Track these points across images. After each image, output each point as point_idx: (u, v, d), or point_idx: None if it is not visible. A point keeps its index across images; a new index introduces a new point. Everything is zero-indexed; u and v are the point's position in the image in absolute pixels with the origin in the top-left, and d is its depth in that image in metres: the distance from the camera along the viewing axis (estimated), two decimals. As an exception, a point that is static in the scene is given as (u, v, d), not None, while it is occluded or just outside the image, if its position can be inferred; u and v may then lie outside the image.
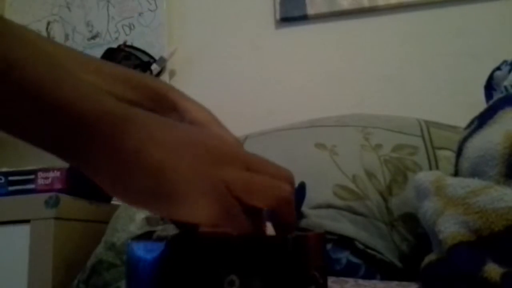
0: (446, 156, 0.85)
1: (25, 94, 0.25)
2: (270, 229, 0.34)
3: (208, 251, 0.31)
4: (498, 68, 0.79)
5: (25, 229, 1.03)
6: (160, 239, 0.35)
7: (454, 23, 1.39)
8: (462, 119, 0.76)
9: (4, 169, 1.13)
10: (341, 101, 1.40)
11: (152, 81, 0.46)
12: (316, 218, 0.79)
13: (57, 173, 1.10)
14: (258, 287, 0.30)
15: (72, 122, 0.26)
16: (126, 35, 1.59)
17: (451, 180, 0.60)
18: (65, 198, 1.06)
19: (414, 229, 0.77)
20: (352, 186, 0.83)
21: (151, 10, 1.58)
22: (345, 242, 0.78)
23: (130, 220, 0.92)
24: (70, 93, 0.26)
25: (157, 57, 1.51)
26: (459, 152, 0.69)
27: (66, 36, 1.64)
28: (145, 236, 0.38)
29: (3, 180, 1.10)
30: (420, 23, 1.41)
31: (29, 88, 0.25)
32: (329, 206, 0.80)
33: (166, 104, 0.44)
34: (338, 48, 1.47)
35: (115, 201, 1.25)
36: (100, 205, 1.20)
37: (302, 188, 0.79)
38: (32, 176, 1.10)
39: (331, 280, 0.68)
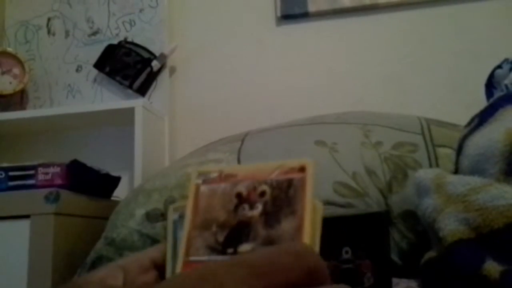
0: (447, 153, 0.85)
1: None
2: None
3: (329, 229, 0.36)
4: (499, 66, 0.79)
5: (25, 224, 1.03)
6: None
7: (455, 21, 1.39)
8: (463, 117, 0.76)
9: (5, 164, 1.12)
10: (342, 98, 1.40)
11: None
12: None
13: (57, 169, 1.10)
14: (363, 254, 0.43)
15: None
16: (127, 31, 1.58)
17: (451, 178, 0.60)
18: (65, 194, 1.06)
19: (414, 227, 0.78)
20: (352, 183, 0.83)
21: (151, 7, 1.58)
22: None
23: (130, 216, 0.92)
24: None
25: (157, 54, 1.51)
26: (459, 150, 0.69)
27: (67, 33, 1.64)
28: None
29: (3, 175, 1.10)
30: (420, 21, 1.41)
31: None
32: (329, 203, 0.80)
33: None
34: (338, 45, 1.47)
35: (115, 197, 1.26)
36: (100, 201, 1.20)
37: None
38: (32, 172, 1.10)
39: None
